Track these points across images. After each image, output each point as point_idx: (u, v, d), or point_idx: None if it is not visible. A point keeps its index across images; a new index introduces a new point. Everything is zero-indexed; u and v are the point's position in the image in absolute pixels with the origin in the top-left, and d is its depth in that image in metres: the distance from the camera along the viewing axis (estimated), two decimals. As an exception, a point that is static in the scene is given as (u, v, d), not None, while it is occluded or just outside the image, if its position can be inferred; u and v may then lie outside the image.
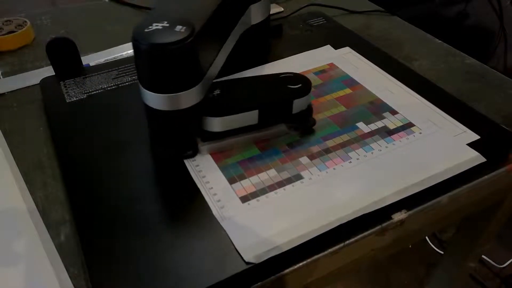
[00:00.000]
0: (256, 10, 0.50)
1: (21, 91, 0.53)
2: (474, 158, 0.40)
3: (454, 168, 0.39)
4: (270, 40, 0.57)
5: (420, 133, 0.43)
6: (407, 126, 0.44)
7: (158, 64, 0.36)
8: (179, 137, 0.41)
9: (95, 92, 0.49)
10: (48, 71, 0.55)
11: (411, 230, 0.39)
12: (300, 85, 0.42)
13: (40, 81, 0.52)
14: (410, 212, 0.37)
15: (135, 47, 0.36)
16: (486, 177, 0.41)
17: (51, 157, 0.44)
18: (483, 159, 0.40)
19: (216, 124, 0.40)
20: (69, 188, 0.39)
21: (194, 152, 0.41)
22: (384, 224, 0.37)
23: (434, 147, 0.42)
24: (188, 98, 0.37)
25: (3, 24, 0.62)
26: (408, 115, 0.45)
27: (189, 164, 0.40)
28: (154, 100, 0.37)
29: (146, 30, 0.35)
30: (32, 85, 0.53)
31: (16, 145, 0.45)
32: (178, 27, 0.35)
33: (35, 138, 0.46)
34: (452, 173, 0.39)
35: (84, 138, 0.43)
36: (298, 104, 0.42)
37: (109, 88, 0.50)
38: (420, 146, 0.42)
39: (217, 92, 0.41)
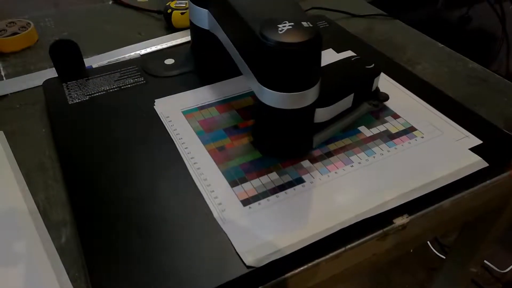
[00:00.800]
0: None
1: (23, 92, 0.53)
2: (476, 162, 0.40)
3: (456, 172, 0.39)
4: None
5: (422, 137, 0.43)
6: (409, 130, 0.44)
7: (309, 60, 0.35)
8: (302, 133, 0.41)
9: (97, 94, 0.49)
10: (51, 72, 0.55)
11: (413, 235, 0.39)
12: (373, 64, 0.45)
13: (43, 82, 0.52)
14: (411, 217, 0.37)
15: (278, 52, 0.34)
16: (488, 182, 0.41)
17: (52, 158, 0.44)
18: (485, 164, 0.40)
19: (326, 113, 0.41)
20: (70, 190, 0.39)
21: (310, 146, 0.41)
22: (386, 229, 0.36)
23: (436, 151, 0.42)
24: (316, 91, 0.37)
25: (6, 25, 0.63)
26: (410, 119, 0.45)
27: (190, 166, 0.40)
28: (288, 99, 0.36)
29: (280, 33, 0.34)
30: (35, 87, 0.54)
31: (18, 146, 0.45)
32: (304, 24, 0.35)
33: (37, 140, 0.46)
34: (454, 178, 0.39)
35: (86, 140, 0.43)
36: (375, 82, 0.45)
37: (111, 90, 0.50)
38: (422, 151, 0.42)
39: None
